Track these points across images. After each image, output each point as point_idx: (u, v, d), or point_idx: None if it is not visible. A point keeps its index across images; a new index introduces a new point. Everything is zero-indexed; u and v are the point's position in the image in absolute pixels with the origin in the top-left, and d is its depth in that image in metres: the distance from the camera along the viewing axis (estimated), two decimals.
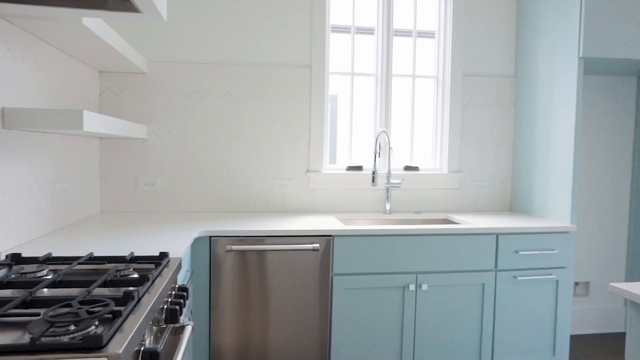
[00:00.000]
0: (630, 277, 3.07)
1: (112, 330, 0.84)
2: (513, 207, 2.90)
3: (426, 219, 2.70)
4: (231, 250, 2.09)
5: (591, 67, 2.66)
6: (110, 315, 0.91)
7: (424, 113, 2.96)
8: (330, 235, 2.15)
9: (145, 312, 0.98)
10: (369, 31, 2.89)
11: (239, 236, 2.10)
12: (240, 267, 2.11)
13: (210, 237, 2.09)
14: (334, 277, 2.17)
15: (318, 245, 2.12)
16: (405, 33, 2.90)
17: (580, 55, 2.30)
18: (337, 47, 3.19)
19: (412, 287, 2.22)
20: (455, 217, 2.63)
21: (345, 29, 2.93)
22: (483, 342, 2.32)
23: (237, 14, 2.62)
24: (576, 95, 2.33)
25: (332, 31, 2.89)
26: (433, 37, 2.89)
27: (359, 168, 2.77)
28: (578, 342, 2.95)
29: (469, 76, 2.84)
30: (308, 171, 2.72)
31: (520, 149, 2.82)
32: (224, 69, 2.62)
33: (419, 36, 2.95)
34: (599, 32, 2.30)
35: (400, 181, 2.65)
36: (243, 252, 2.11)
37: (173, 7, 2.56)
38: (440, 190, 2.85)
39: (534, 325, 2.38)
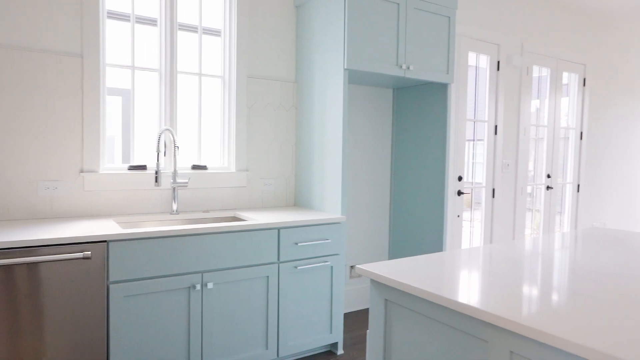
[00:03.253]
0: (392, 256, 3.65)
1: None
2: (297, 202, 3.14)
3: (215, 217, 2.72)
4: None
5: (357, 78, 3.05)
6: None
7: (212, 112, 2.97)
8: (104, 241, 1.98)
9: None
10: (152, 22, 2.75)
11: None
12: None
13: None
14: (111, 286, 2.01)
15: (90, 252, 1.93)
16: (191, 28, 2.86)
17: (345, 67, 2.62)
18: (116, 37, 2.95)
19: (198, 286, 2.21)
20: (243, 214, 2.71)
21: (124, 17, 2.72)
22: (269, 330, 2.46)
23: None
24: (342, 102, 2.65)
25: (109, 17, 2.65)
26: (220, 36, 2.91)
27: (143, 167, 2.62)
28: (353, 318, 3.37)
29: (254, 78, 2.96)
30: (82, 171, 2.45)
31: (302, 149, 3.07)
32: None
33: (205, 33, 2.93)
34: (359, 49, 2.65)
35: (187, 180, 2.61)
36: None
37: None
38: (229, 189, 2.90)
39: (313, 308, 2.62)
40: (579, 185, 5.28)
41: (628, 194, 6.07)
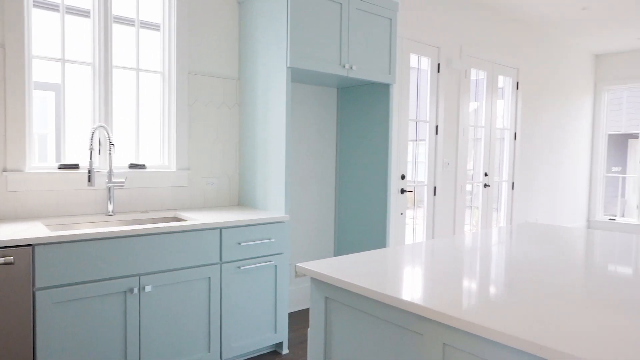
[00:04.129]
0: (337, 254, 3.68)
1: None
2: (241, 201, 3.09)
3: (155, 218, 2.62)
4: None
5: (301, 77, 3.05)
6: None
7: (151, 109, 2.86)
8: (30, 245, 1.86)
9: None
10: (85, 13, 2.61)
11: None
12: None
13: None
14: (37, 292, 1.88)
15: (12, 257, 1.80)
16: (128, 21, 2.74)
17: (288, 65, 2.61)
18: (46, 28, 2.77)
19: (135, 290, 2.12)
20: (184, 214, 2.63)
21: (53, 6, 2.56)
22: (212, 332, 2.40)
23: None
24: (285, 100, 2.64)
25: (36, 7, 2.49)
26: (159, 30, 2.81)
27: (75, 166, 2.48)
28: (299, 317, 3.37)
29: (196, 75, 2.88)
30: (5, 171, 2.28)
31: (245, 147, 3.03)
32: None
33: (143, 27, 2.82)
34: (302, 48, 2.65)
35: (123, 180, 2.50)
36: None
37: None
38: (169, 188, 2.81)
39: (257, 308, 2.59)
40: (513, 183, 5.58)
41: (556, 191, 6.49)
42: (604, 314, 1.08)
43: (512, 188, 5.57)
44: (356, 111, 3.45)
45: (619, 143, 7.80)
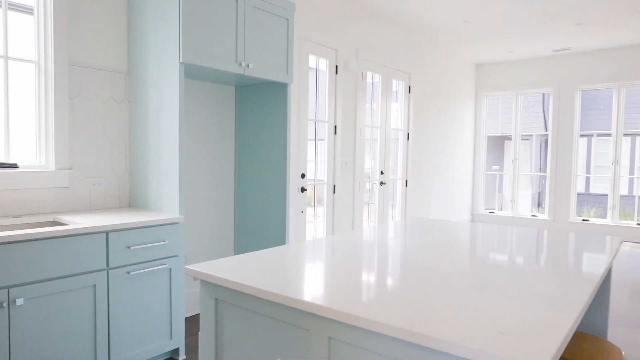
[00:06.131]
0: (237, 254, 3.62)
1: None
2: (132, 203, 2.91)
3: (30, 223, 2.37)
4: None
5: (196, 73, 2.95)
6: None
7: (24, 102, 2.58)
8: None
9: None
10: None
11: None
12: None
13: None
14: None
15: None
16: None
17: (181, 61, 2.51)
18: None
19: (4, 304, 1.89)
20: (65, 218, 2.41)
21: None
22: (98, 344, 2.23)
23: None
24: (178, 97, 2.54)
25: None
26: (32, 14, 2.54)
27: None
28: (197, 321, 3.27)
29: (78, 66, 2.65)
30: None
31: (136, 145, 2.86)
32: None
33: (12, 9, 2.53)
34: (196, 43, 2.56)
35: None
36: None
37: None
38: (48, 190, 2.56)
39: (151, 314, 2.46)
40: (407, 181, 5.94)
41: (445, 188, 7.04)
42: (482, 298, 1.19)
43: (406, 185, 5.93)
44: (255, 110, 3.43)
45: (497, 144, 8.68)
